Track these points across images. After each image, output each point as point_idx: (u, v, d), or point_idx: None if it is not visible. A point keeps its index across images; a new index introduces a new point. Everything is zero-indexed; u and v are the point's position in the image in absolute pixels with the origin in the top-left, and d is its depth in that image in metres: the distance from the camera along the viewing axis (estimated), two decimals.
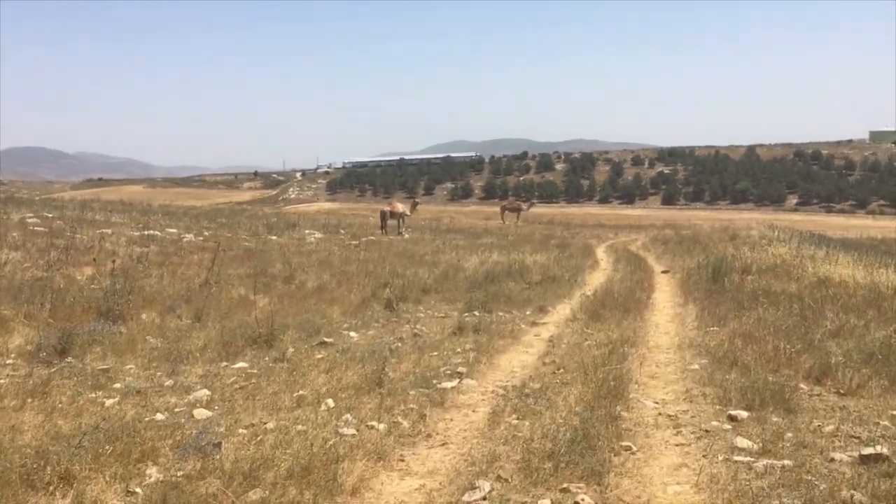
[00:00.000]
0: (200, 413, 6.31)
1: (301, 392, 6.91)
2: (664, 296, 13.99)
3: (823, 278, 13.87)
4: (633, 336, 9.41)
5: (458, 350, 8.96)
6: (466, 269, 19.51)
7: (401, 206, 34.79)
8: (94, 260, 16.06)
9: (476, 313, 11.80)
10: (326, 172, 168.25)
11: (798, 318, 9.49)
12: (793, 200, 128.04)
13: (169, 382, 7.35)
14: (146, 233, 24.30)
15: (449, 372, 7.78)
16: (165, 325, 10.00)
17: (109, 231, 24.05)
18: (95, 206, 46.14)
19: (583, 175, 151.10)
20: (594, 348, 8.63)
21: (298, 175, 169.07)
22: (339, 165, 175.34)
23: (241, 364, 8.17)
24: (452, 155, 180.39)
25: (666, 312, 11.80)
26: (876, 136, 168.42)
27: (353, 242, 28.45)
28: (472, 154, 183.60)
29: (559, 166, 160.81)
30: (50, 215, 29.61)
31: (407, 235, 33.01)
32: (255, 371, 7.87)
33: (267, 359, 8.44)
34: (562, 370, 7.72)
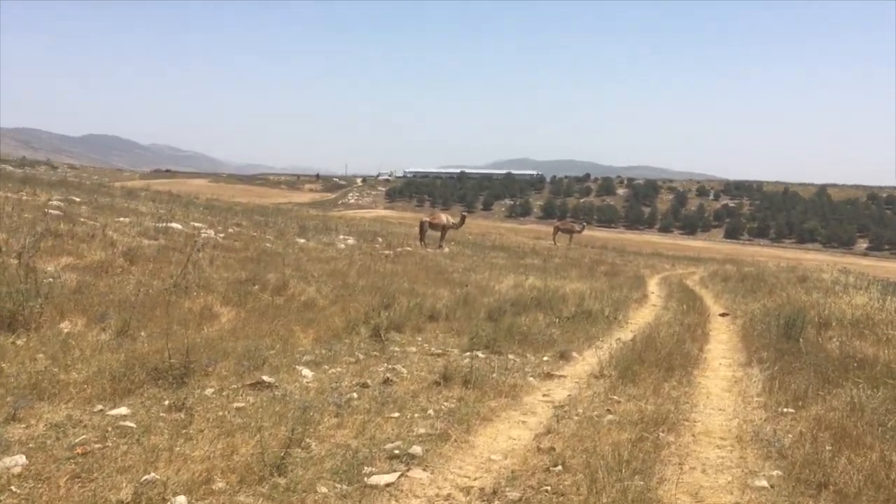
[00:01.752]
0: None
1: (154, 475, 4.52)
2: (721, 349, 11.25)
3: None
4: (673, 412, 6.77)
5: (431, 412, 6.47)
6: (495, 292, 17.04)
7: (444, 218, 32.38)
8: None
9: (480, 354, 9.29)
10: (387, 180, 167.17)
11: None
12: (863, 244, 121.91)
13: None
14: (164, 225, 22.50)
15: (398, 452, 5.30)
16: (75, 341, 7.75)
17: (127, 220, 22.35)
18: (142, 195, 45.10)
19: (645, 202, 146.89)
20: (616, 429, 6.04)
21: (359, 181, 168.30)
22: (400, 174, 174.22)
23: (120, 410, 5.83)
24: (514, 172, 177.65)
25: (722, 375, 9.09)
26: None
27: (386, 252, 26.22)
28: (534, 173, 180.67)
29: (621, 191, 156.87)
30: (78, 199, 28.20)
31: (446, 249, 30.63)
32: (131, 424, 5.51)
33: (167, 403, 6.09)
34: (560, 467, 5.16)
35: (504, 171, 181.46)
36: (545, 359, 9.43)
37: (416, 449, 5.35)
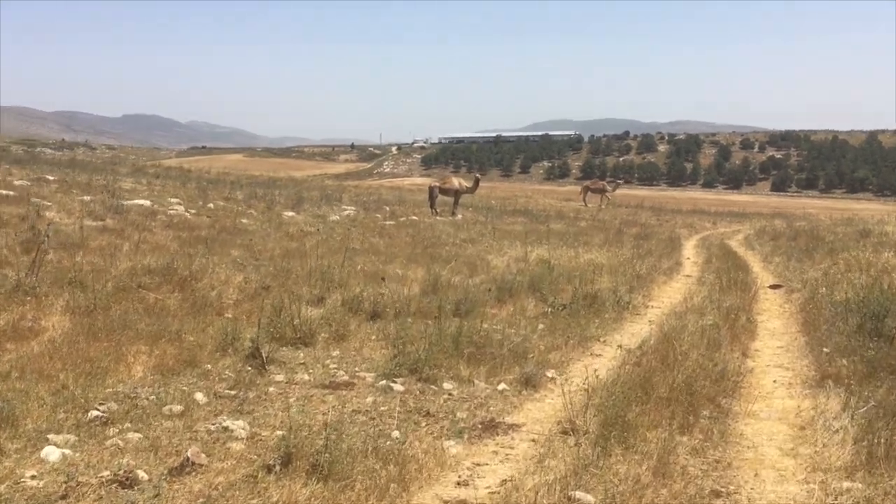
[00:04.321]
0: None
1: None
2: (775, 349, 7.73)
3: None
4: None
5: None
6: (491, 268, 13.74)
7: (455, 182, 28.93)
8: None
9: (396, 384, 5.96)
10: (422, 147, 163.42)
11: None
12: None
13: None
14: (129, 202, 19.72)
15: None
16: None
17: (88, 198, 19.61)
18: (149, 172, 42.54)
19: (687, 158, 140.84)
20: None
21: (394, 149, 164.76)
22: (435, 141, 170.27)
23: None
24: (551, 133, 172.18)
25: (779, 409, 5.60)
26: None
27: (387, 223, 23.00)
28: (572, 133, 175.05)
29: (662, 147, 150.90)
30: (52, 178, 25.73)
31: (459, 216, 27.26)
32: None
33: None
34: None
35: (541, 133, 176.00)
36: (501, 387, 6.03)
37: None
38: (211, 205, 22.70)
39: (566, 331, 8.22)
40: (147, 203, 20.46)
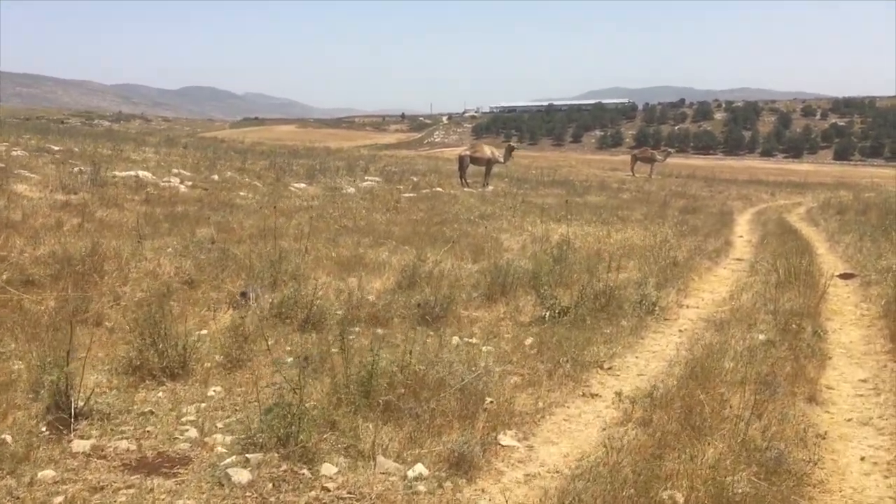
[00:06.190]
0: None
1: None
2: (856, 387, 5.23)
3: None
4: None
5: None
6: (502, 251, 11.43)
7: (487, 150, 26.37)
8: None
9: (244, 470, 3.63)
10: (473, 117, 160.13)
11: None
12: None
13: None
14: (122, 174, 18.00)
15: None
16: None
17: (77, 169, 17.93)
18: (181, 142, 41.01)
19: (745, 126, 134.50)
20: None
21: (445, 119, 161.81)
22: (486, 110, 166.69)
23: None
24: (604, 101, 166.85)
25: None
26: None
27: (408, 195, 20.77)
28: (625, 101, 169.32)
29: (718, 115, 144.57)
30: (57, 148, 24.35)
31: (490, 188, 24.84)
32: None
33: None
34: None
35: (593, 101, 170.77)
36: (414, 472, 3.69)
37: None
38: (216, 176, 20.78)
39: (559, 349, 5.85)
40: (144, 174, 18.58)
